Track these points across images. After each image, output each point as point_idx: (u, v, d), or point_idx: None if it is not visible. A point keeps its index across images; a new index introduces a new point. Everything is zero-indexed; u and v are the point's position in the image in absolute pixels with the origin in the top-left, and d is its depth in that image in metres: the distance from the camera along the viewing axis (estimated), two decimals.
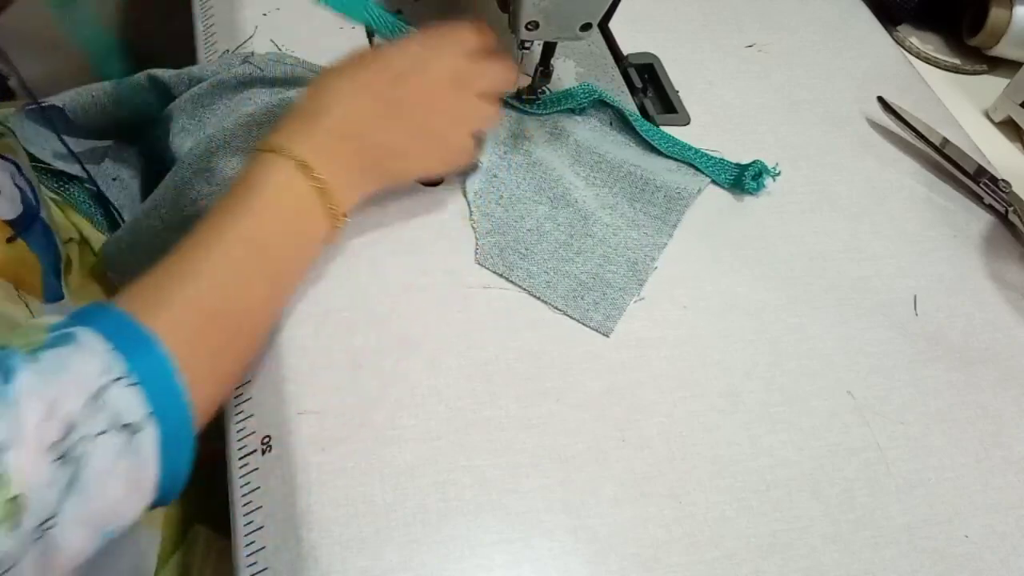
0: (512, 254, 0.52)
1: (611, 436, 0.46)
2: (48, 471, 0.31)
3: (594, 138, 0.59)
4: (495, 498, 0.43)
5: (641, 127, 0.60)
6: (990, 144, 0.68)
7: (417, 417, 0.45)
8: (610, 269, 0.53)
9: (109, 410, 0.33)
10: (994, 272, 0.58)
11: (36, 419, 0.32)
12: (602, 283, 0.52)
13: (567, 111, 0.60)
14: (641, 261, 0.54)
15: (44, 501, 0.31)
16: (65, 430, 0.32)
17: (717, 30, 0.71)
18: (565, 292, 0.51)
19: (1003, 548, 0.46)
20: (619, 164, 0.58)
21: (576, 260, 0.53)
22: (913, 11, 0.77)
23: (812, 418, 0.49)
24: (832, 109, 0.67)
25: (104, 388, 0.33)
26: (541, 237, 0.53)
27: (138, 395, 0.34)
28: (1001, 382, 0.53)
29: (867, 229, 0.59)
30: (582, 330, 0.50)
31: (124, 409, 0.34)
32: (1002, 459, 0.49)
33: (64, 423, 0.32)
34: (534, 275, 0.52)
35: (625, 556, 0.42)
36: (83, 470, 0.32)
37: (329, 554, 0.40)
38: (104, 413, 0.33)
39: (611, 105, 0.60)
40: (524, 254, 0.52)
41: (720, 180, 0.59)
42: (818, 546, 0.44)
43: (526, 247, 0.53)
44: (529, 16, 0.51)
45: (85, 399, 0.33)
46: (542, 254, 0.53)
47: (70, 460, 0.32)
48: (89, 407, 0.33)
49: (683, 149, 0.60)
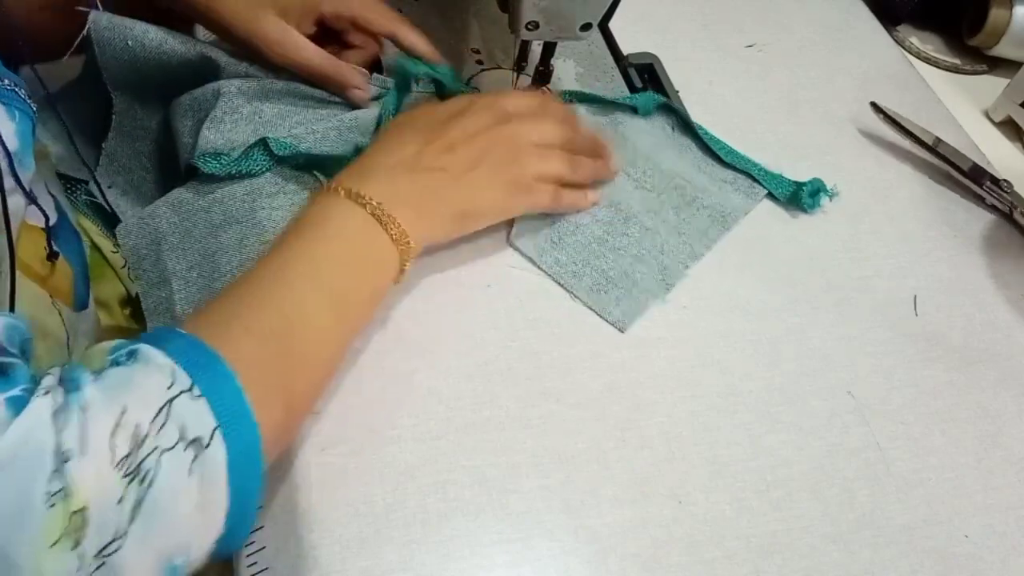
0: (544, 241, 0.53)
1: (611, 436, 0.46)
2: (117, 486, 0.30)
3: (654, 143, 0.60)
4: (495, 498, 0.43)
5: (704, 134, 0.60)
6: (990, 144, 0.68)
7: (417, 417, 0.45)
8: (640, 269, 0.53)
9: (176, 423, 0.32)
10: (994, 272, 0.58)
11: (105, 431, 0.30)
12: (629, 281, 0.52)
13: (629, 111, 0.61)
14: (672, 267, 0.54)
15: (109, 520, 0.30)
16: (134, 443, 0.31)
17: (717, 30, 0.71)
18: (590, 284, 0.52)
19: (1003, 548, 0.46)
20: (672, 176, 0.58)
21: (608, 256, 0.53)
22: (913, 11, 0.77)
23: (812, 418, 0.49)
24: (832, 109, 0.67)
25: (170, 401, 0.32)
26: (577, 229, 0.54)
27: (204, 408, 0.33)
28: (1001, 382, 0.53)
29: (867, 229, 0.59)
30: (582, 330, 0.50)
31: (191, 422, 0.32)
32: (1002, 459, 0.49)
33: (133, 436, 0.31)
34: (562, 264, 0.52)
35: (625, 556, 0.42)
36: (152, 488, 0.31)
37: (329, 554, 0.40)
38: (172, 425, 0.32)
39: (675, 110, 0.61)
40: (556, 243, 0.53)
41: (777, 194, 0.59)
42: (818, 546, 0.44)
43: (559, 236, 0.53)
44: (529, 16, 0.51)
45: (153, 412, 0.32)
46: (575, 246, 0.53)
47: (139, 476, 0.30)
48: (157, 420, 0.31)
49: (743, 161, 0.60)
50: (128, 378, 0.33)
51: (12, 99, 0.40)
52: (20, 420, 0.29)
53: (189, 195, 0.52)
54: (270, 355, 0.38)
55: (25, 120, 0.41)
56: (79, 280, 0.48)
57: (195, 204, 0.51)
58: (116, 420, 0.31)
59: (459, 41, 0.66)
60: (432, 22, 0.66)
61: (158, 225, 0.51)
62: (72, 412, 0.30)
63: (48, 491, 0.28)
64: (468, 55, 0.65)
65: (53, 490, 0.29)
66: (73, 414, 0.30)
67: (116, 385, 0.32)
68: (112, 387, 0.32)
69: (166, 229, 0.51)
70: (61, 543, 0.29)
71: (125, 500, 0.30)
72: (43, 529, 0.28)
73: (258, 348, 0.38)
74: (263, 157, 0.52)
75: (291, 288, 0.41)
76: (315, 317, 0.41)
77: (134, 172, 0.60)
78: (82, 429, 0.30)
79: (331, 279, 0.42)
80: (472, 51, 0.65)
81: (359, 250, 0.44)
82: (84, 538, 0.29)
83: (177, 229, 0.51)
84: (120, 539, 0.30)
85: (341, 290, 0.43)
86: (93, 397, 0.31)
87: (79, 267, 0.49)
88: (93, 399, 0.31)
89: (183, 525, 0.32)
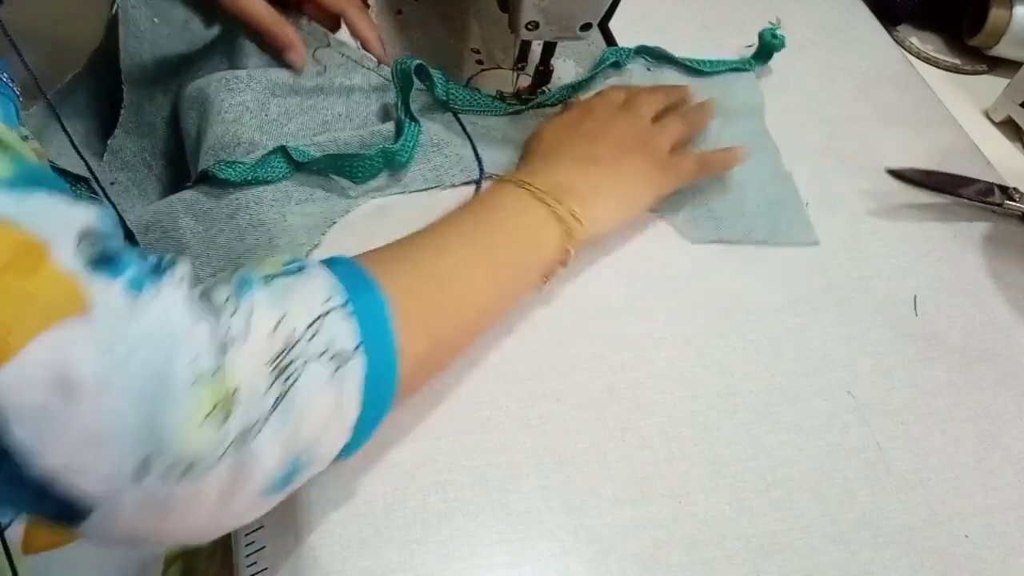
0: (704, 220, 0.56)
1: (611, 436, 0.46)
2: (266, 380, 0.32)
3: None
4: (495, 498, 0.43)
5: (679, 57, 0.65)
6: (990, 144, 0.68)
7: (417, 417, 0.45)
8: (770, 188, 0.58)
9: (325, 335, 0.35)
10: (994, 272, 0.58)
11: (265, 328, 0.33)
12: (775, 205, 0.57)
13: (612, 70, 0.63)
14: (781, 171, 0.59)
15: (255, 406, 0.32)
16: (287, 344, 0.33)
17: (717, 30, 0.71)
18: (764, 228, 0.56)
19: (1003, 548, 0.46)
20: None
21: (744, 196, 0.57)
22: (913, 11, 0.77)
23: (812, 418, 0.49)
24: (832, 109, 0.67)
25: (325, 314, 0.35)
26: (704, 194, 0.57)
27: (353, 325, 0.36)
28: (1001, 382, 0.53)
29: (867, 229, 0.59)
30: (582, 330, 0.50)
31: (339, 336, 0.35)
32: (1002, 459, 0.49)
33: (287, 339, 0.33)
34: (732, 227, 0.56)
35: (625, 556, 0.42)
36: (294, 387, 0.33)
37: (329, 554, 0.40)
38: (322, 336, 0.34)
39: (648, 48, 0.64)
40: (710, 214, 0.56)
41: (754, 64, 0.67)
42: (818, 546, 0.44)
43: (708, 209, 0.57)
44: (529, 16, 0.51)
45: (309, 320, 0.34)
46: (720, 207, 0.57)
47: (284, 375, 0.33)
48: (311, 329, 0.34)
49: (716, 63, 0.66)
50: (293, 286, 0.36)
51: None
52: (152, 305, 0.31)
53: (209, 202, 0.51)
54: (424, 290, 0.42)
55: (8, 104, 0.41)
56: None
57: (219, 211, 0.51)
58: (277, 321, 0.33)
59: (459, 41, 0.66)
60: (432, 22, 0.66)
61: (181, 236, 0.51)
62: (245, 304, 0.33)
63: (194, 371, 0.30)
64: (468, 55, 0.65)
65: (206, 369, 0.31)
66: (246, 305, 0.33)
67: (282, 291, 0.35)
68: (278, 292, 0.35)
69: (190, 239, 0.50)
70: (213, 416, 0.30)
71: (269, 393, 0.32)
72: (193, 404, 0.30)
73: (414, 281, 0.41)
74: (281, 164, 0.51)
75: (453, 246, 0.45)
76: (473, 272, 0.44)
77: (138, 169, 0.60)
78: (247, 321, 0.33)
79: (492, 245, 0.46)
80: (472, 51, 0.65)
81: (525, 226, 0.47)
82: (233, 416, 0.31)
83: (201, 238, 0.51)
84: (259, 425, 0.32)
85: (503, 257, 0.46)
86: (261, 297, 0.34)
87: None
88: (260, 299, 0.34)
89: (315, 426, 0.34)
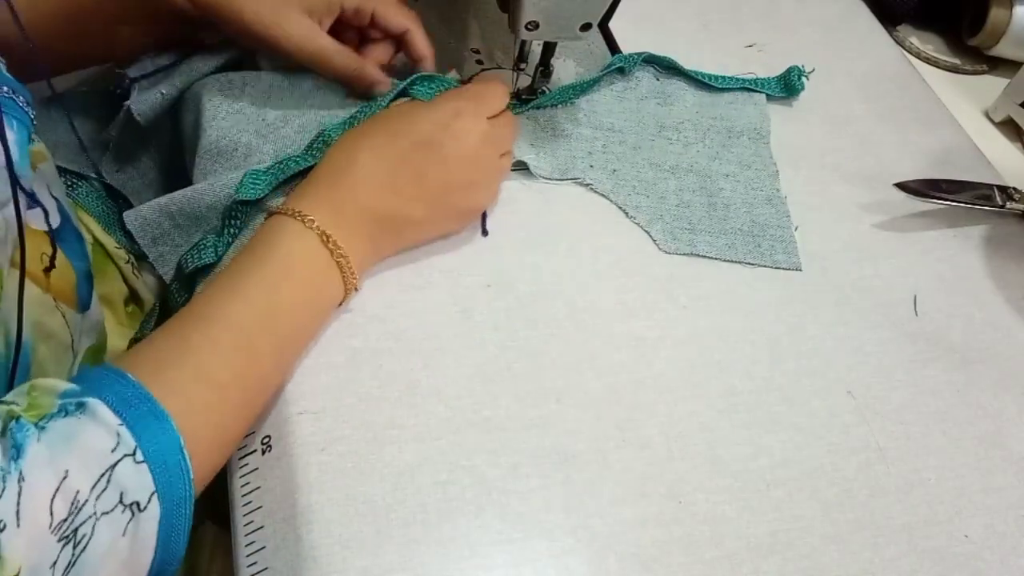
0: (682, 232, 0.56)
1: (611, 436, 0.46)
2: (52, 550, 0.31)
3: (659, 102, 0.62)
4: (495, 498, 0.43)
5: (689, 70, 0.64)
6: (990, 144, 0.68)
7: (417, 417, 0.45)
8: (757, 211, 0.57)
9: (115, 489, 0.33)
10: (994, 272, 0.58)
11: (44, 496, 0.31)
12: (761, 227, 0.57)
13: (617, 76, 0.63)
14: (773, 196, 0.58)
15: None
16: (73, 508, 0.32)
17: (717, 30, 0.71)
18: (743, 247, 0.55)
19: (1003, 548, 0.46)
20: (699, 120, 0.61)
21: (728, 215, 0.57)
22: (913, 11, 0.77)
23: (812, 418, 0.49)
24: (832, 109, 0.67)
25: (113, 466, 0.33)
26: (689, 208, 0.57)
27: (145, 472, 0.34)
28: (1001, 382, 0.53)
29: (867, 229, 0.59)
30: (582, 330, 0.50)
31: (131, 487, 0.34)
32: (1002, 459, 0.49)
33: (72, 504, 0.32)
34: (711, 243, 0.55)
35: (625, 556, 0.42)
36: (85, 553, 0.32)
37: (329, 554, 0.40)
38: (111, 492, 0.33)
39: (657, 58, 0.63)
40: (689, 228, 0.56)
41: (772, 91, 0.65)
42: (818, 546, 0.44)
43: (688, 222, 0.56)
44: (529, 16, 0.50)
45: (95, 477, 0.33)
46: (702, 222, 0.56)
47: (74, 540, 0.32)
48: (98, 486, 0.33)
49: (730, 80, 0.65)
50: (73, 435, 0.33)
51: (11, 108, 0.40)
52: None
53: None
54: (217, 404, 0.39)
55: (22, 130, 0.41)
56: (82, 282, 0.48)
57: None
58: (57, 484, 0.32)
59: (459, 41, 0.66)
60: (432, 22, 0.66)
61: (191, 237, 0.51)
62: (12, 480, 0.31)
63: None
64: (468, 55, 0.65)
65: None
66: (13, 482, 0.31)
67: (61, 441, 0.33)
68: (56, 443, 0.33)
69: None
70: None
71: (58, 564, 0.31)
72: None
73: (206, 397, 0.39)
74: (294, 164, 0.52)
75: (240, 327, 0.41)
76: (263, 362, 0.42)
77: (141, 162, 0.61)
78: (20, 498, 0.31)
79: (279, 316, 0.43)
80: (472, 51, 0.65)
81: (309, 287, 0.44)
82: None
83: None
84: None
85: (287, 330, 0.43)
86: (35, 456, 0.32)
87: (82, 269, 0.49)
88: (35, 459, 0.31)
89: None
